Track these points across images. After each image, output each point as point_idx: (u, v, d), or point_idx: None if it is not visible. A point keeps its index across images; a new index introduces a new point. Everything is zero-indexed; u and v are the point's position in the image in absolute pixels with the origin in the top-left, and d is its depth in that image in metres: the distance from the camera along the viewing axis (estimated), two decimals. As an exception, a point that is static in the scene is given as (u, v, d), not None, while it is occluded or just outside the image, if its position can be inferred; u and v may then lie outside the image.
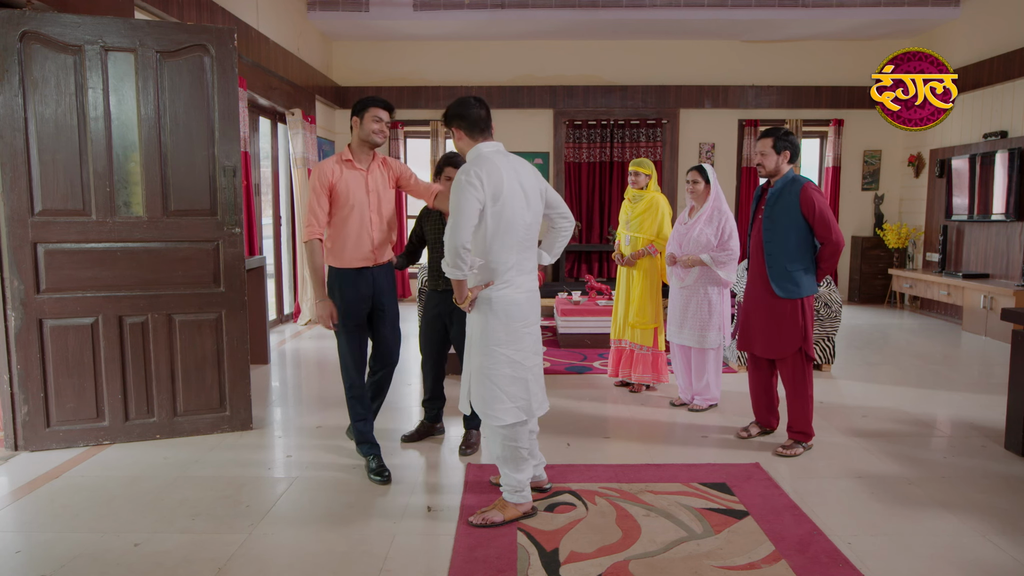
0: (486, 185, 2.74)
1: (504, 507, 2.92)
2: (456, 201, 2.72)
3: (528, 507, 2.95)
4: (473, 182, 2.73)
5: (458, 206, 2.71)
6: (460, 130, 2.92)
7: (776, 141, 3.66)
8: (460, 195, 2.72)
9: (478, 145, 2.90)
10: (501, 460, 2.92)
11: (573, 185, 9.11)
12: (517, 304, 2.86)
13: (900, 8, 7.73)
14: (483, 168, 2.77)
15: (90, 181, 3.66)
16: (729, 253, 4.24)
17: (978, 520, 2.95)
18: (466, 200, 2.71)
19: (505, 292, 2.83)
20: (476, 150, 2.89)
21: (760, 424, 3.97)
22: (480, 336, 2.86)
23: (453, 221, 2.71)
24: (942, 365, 5.80)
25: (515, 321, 2.85)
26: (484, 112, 2.92)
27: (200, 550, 2.69)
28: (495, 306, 2.82)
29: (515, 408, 2.85)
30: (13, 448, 3.68)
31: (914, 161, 8.79)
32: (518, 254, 2.86)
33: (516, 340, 2.86)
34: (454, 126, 2.93)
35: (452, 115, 2.93)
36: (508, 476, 2.92)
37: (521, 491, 2.92)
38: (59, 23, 3.53)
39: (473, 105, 2.91)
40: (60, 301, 3.65)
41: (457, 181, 2.75)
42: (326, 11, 7.83)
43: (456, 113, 2.91)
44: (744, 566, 2.56)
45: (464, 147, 2.94)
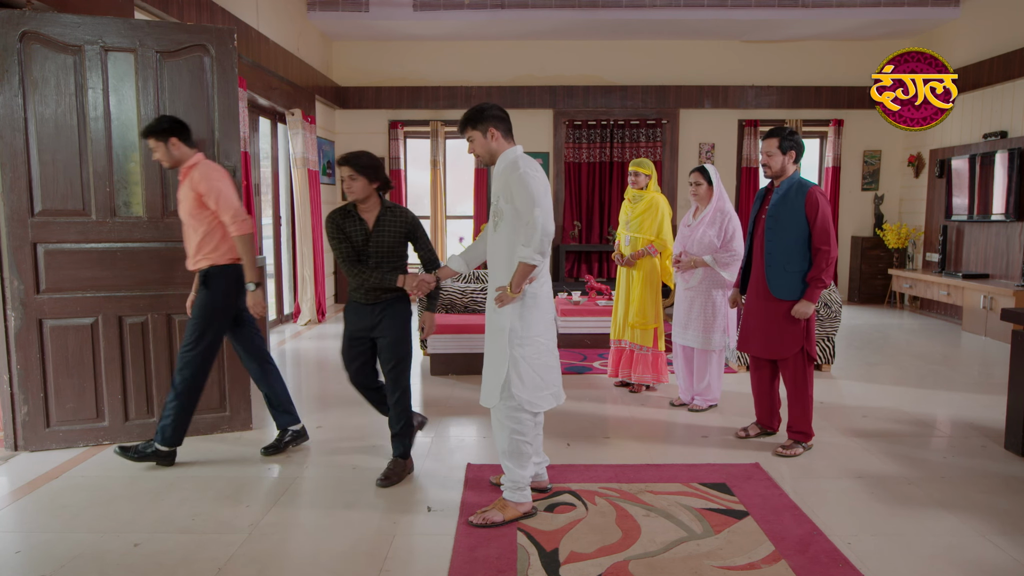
0: (540, 179, 2.87)
1: (504, 507, 2.93)
2: (533, 192, 2.79)
3: (528, 507, 2.95)
4: (537, 175, 2.85)
5: (537, 196, 2.79)
6: (498, 131, 2.95)
7: (782, 141, 3.64)
8: (534, 186, 2.81)
9: (514, 147, 2.98)
10: (506, 455, 2.95)
11: (573, 185, 9.11)
12: (548, 298, 3.02)
13: (900, 8, 7.73)
14: (531, 164, 2.89)
15: (90, 181, 3.66)
16: (732, 254, 4.24)
17: (978, 520, 2.95)
18: (539, 189, 2.81)
19: (542, 287, 2.97)
20: (513, 152, 2.96)
21: (761, 425, 3.97)
22: (521, 328, 2.91)
23: (539, 208, 2.78)
24: (942, 365, 5.79)
25: (547, 313, 3.00)
26: (509, 118, 3.03)
27: (200, 550, 2.69)
28: (538, 300, 2.95)
29: (550, 395, 2.98)
30: (13, 448, 3.68)
31: (914, 161, 8.79)
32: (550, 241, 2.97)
33: (548, 330, 3.01)
34: (492, 126, 2.94)
35: (492, 116, 2.95)
36: (511, 471, 2.93)
37: (522, 489, 2.94)
38: (59, 23, 3.53)
39: (503, 110, 3.02)
40: (60, 301, 3.65)
41: (522, 175, 2.81)
42: (326, 11, 7.83)
43: (496, 115, 2.96)
44: (744, 566, 2.56)
45: (497, 148, 2.96)
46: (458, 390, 4.94)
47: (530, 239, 2.79)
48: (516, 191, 2.82)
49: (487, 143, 2.95)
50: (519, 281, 2.84)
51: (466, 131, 2.98)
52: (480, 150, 2.98)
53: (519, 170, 2.83)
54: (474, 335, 5.30)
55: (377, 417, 4.32)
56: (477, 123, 2.94)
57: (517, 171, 2.83)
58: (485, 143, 2.95)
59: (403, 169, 9.18)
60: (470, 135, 2.97)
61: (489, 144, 2.95)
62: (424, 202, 9.44)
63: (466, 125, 2.97)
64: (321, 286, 7.70)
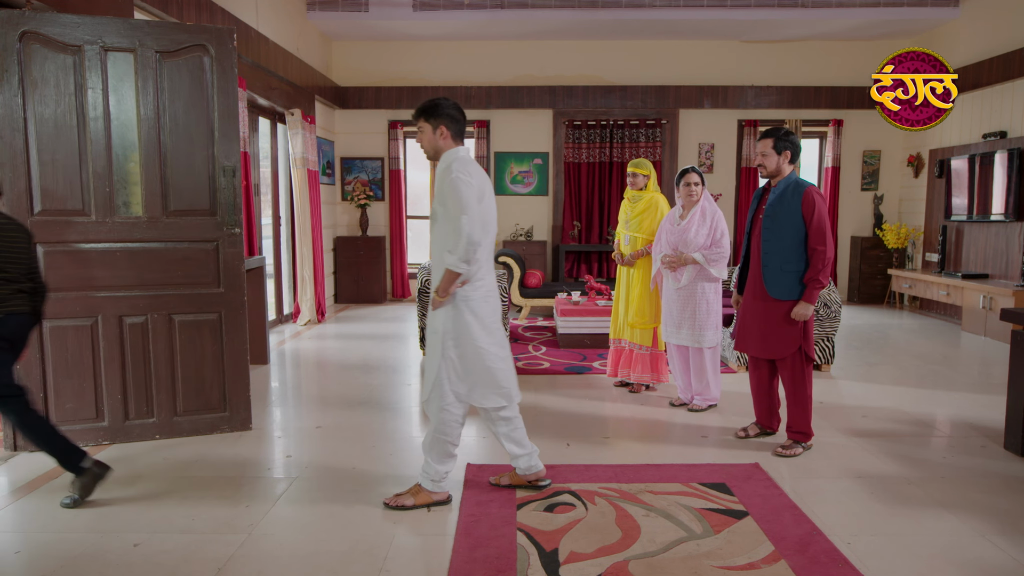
0: (476, 184, 2.86)
1: (418, 493, 3.05)
2: (463, 199, 2.79)
3: (443, 496, 3.08)
4: (471, 181, 2.84)
5: (467, 203, 2.80)
6: (449, 130, 2.95)
7: (776, 141, 3.65)
8: (464, 191, 2.81)
9: (457, 148, 2.99)
10: (427, 448, 3.04)
11: (573, 185, 9.11)
12: (489, 301, 3.02)
13: (899, 8, 7.73)
14: (470, 168, 2.89)
15: (89, 181, 3.65)
16: (721, 251, 4.27)
17: (978, 520, 2.95)
18: (471, 197, 2.81)
19: (480, 290, 2.97)
20: (456, 152, 2.96)
21: (761, 425, 3.97)
22: (454, 332, 2.95)
23: (467, 216, 2.78)
24: (941, 365, 5.80)
25: (487, 316, 3.00)
26: (465, 120, 3.03)
27: (200, 550, 2.69)
28: (471, 304, 2.95)
29: (494, 394, 3.01)
30: (12, 448, 3.68)
31: (913, 161, 8.79)
32: (488, 254, 3.01)
33: (490, 333, 3.01)
34: (443, 124, 2.94)
35: (446, 114, 2.95)
36: (430, 465, 3.04)
37: (439, 482, 3.06)
38: (58, 23, 3.53)
39: (460, 110, 3.01)
40: (60, 301, 3.65)
41: (455, 180, 2.82)
42: (326, 11, 7.83)
43: (450, 115, 2.96)
44: (744, 566, 2.56)
45: (443, 146, 2.98)
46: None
47: (456, 246, 2.80)
48: (447, 195, 2.85)
49: (434, 139, 2.97)
50: (445, 286, 2.88)
51: (418, 121, 2.99)
52: (426, 144, 3.00)
53: (452, 174, 2.85)
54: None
55: (377, 417, 4.33)
56: (430, 116, 2.95)
57: (450, 175, 2.85)
58: (433, 138, 2.97)
59: (403, 169, 9.18)
60: (420, 126, 2.99)
61: (436, 140, 2.97)
62: (423, 202, 9.44)
63: (419, 116, 2.98)
64: (321, 286, 7.70)
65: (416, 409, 4.57)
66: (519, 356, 5.91)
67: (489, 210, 2.95)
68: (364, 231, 9.02)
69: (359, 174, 9.21)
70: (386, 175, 9.20)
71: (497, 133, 9.05)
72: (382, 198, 9.23)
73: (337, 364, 5.79)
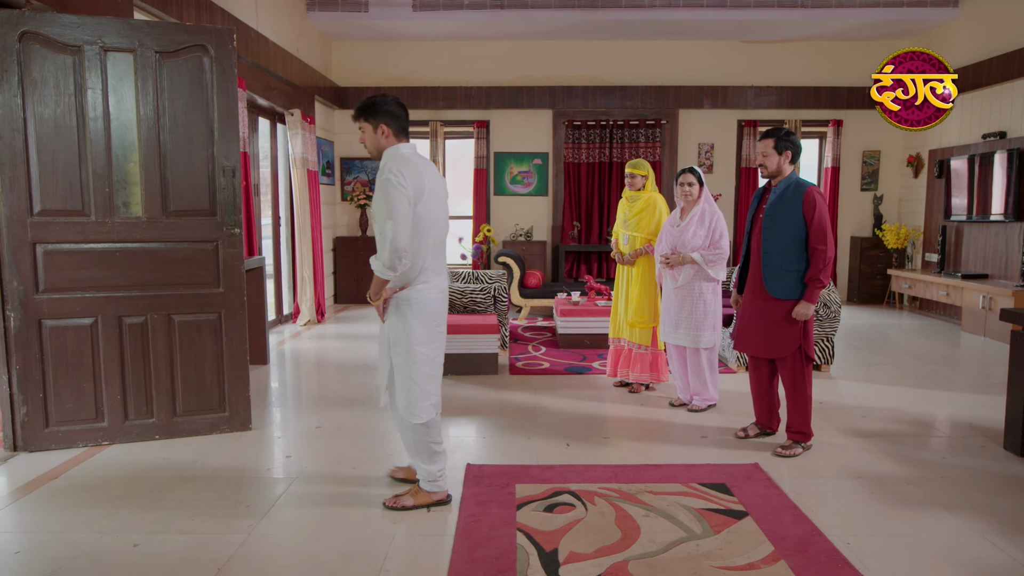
0: (410, 185, 2.79)
1: (417, 493, 3.06)
2: (390, 202, 2.74)
3: (442, 495, 3.08)
4: (403, 182, 2.77)
5: (394, 206, 2.74)
6: (389, 128, 2.92)
7: (777, 141, 3.65)
8: (393, 195, 2.75)
9: (398, 146, 2.94)
10: (413, 453, 3.05)
11: (572, 185, 9.11)
12: (435, 303, 2.96)
13: (899, 8, 7.73)
14: (406, 168, 2.82)
15: (89, 181, 3.65)
16: (720, 252, 4.26)
17: (977, 520, 2.95)
18: (400, 200, 2.75)
19: (424, 292, 2.91)
20: (395, 150, 2.92)
21: (760, 425, 3.97)
22: (404, 336, 2.91)
23: (392, 222, 2.73)
24: (941, 365, 5.80)
25: (432, 321, 2.96)
26: (407, 115, 2.99)
27: (199, 551, 2.69)
28: (415, 307, 2.91)
29: (430, 405, 2.98)
30: (12, 449, 3.68)
31: (913, 161, 8.79)
32: (435, 254, 2.95)
33: (433, 339, 2.97)
34: (383, 122, 2.91)
35: (386, 112, 2.91)
36: (422, 468, 3.05)
37: (436, 480, 3.06)
38: (58, 23, 3.53)
39: (401, 105, 2.97)
40: (59, 301, 3.65)
41: (385, 181, 2.77)
42: (325, 11, 7.83)
43: (389, 111, 2.92)
44: (743, 566, 2.56)
45: (385, 144, 2.94)
46: (457, 390, 4.94)
47: (381, 251, 2.76)
48: (377, 197, 2.81)
49: (376, 137, 2.94)
50: (375, 290, 2.85)
51: (358, 121, 2.97)
52: (369, 143, 2.97)
53: (383, 175, 2.80)
54: (474, 335, 5.30)
55: (377, 418, 4.33)
56: (370, 115, 2.92)
57: (382, 176, 2.81)
58: (375, 137, 2.94)
59: (402, 169, 9.17)
60: (361, 126, 2.96)
61: (378, 139, 2.94)
62: (423, 202, 9.43)
63: (359, 116, 2.96)
64: (320, 286, 7.70)
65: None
66: (519, 356, 5.92)
67: (430, 210, 2.87)
68: (364, 231, 9.03)
69: (359, 174, 9.21)
70: (386, 175, 9.18)
71: (497, 133, 9.05)
72: (382, 198, 9.22)
73: (337, 364, 5.79)
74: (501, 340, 5.90)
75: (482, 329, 5.33)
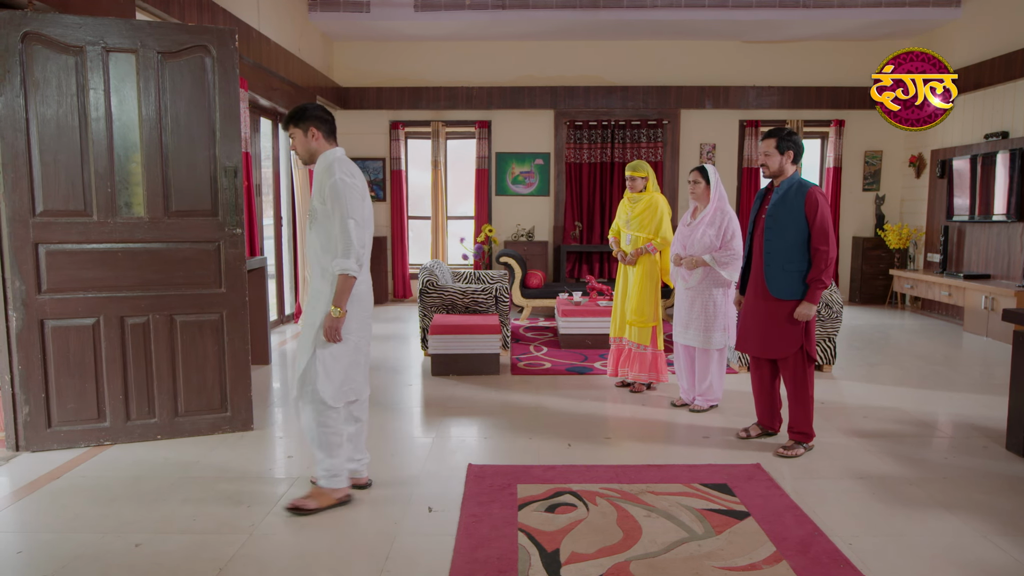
0: (359, 183, 2.93)
1: (319, 494, 3.04)
2: (348, 202, 2.85)
3: (343, 493, 3.07)
4: (355, 183, 2.91)
5: (352, 206, 2.86)
6: (319, 132, 3.00)
7: (779, 141, 3.65)
8: (349, 195, 2.86)
9: (333, 149, 3.04)
10: (315, 445, 3.05)
11: (574, 186, 9.11)
12: (366, 295, 3.07)
13: (901, 8, 7.72)
14: (351, 168, 2.95)
15: (91, 182, 3.66)
16: (732, 253, 4.24)
17: (979, 521, 2.95)
18: (356, 199, 2.88)
19: (357, 287, 2.99)
20: (332, 154, 3.01)
21: (762, 426, 3.97)
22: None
23: (354, 220, 2.84)
24: (943, 366, 5.79)
25: (363, 311, 3.05)
26: (333, 120, 3.08)
27: (201, 550, 2.69)
28: (352, 298, 2.97)
29: (350, 390, 3.06)
30: (14, 448, 3.69)
31: (915, 162, 8.78)
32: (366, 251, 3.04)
33: (362, 328, 3.06)
34: (312, 126, 2.99)
35: (313, 116, 3.00)
36: (322, 461, 3.04)
37: (337, 476, 3.05)
38: (61, 24, 3.53)
39: (327, 112, 3.06)
40: (61, 301, 3.66)
41: (339, 182, 2.86)
42: (327, 12, 7.83)
43: (318, 116, 3.01)
44: (745, 567, 2.56)
45: (318, 148, 3.02)
46: (459, 390, 4.94)
47: (347, 250, 2.84)
48: (329, 197, 2.87)
49: (307, 142, 3.01)
50: (343, 296, 2.88)
51: (289, 129, 3.03)
52: (300, 149, 3.03)
53: (334, 175, 2.88)
54: (475, 335, 5.30)
55: (378, 417, 4.33)
56: (299, 122, 2.99)
57: (332, 176, 2.88)
58: (306, 142, 3.01)
59: (404, 170, 9.19)
60: (292, 132, 3.03)
61: (309, 144, 3.01)
62: (425, 202, 9.44)
63: (288, 123, 3.02)
64: (322, 286, 7.69)
65: (418, 409, 4.57)
66: (520, 356, 5.92)
67: (367, 208, 2.99)
68: (365, 231, 9.01)
69: (360, 174, 9.20)
70: (387, 175, 9.21)
71: (498, 133, 9.05)
72: (383, 199, 9.24)
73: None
74: (503, 340, 5.90)
75: (484, 329, 5.33)
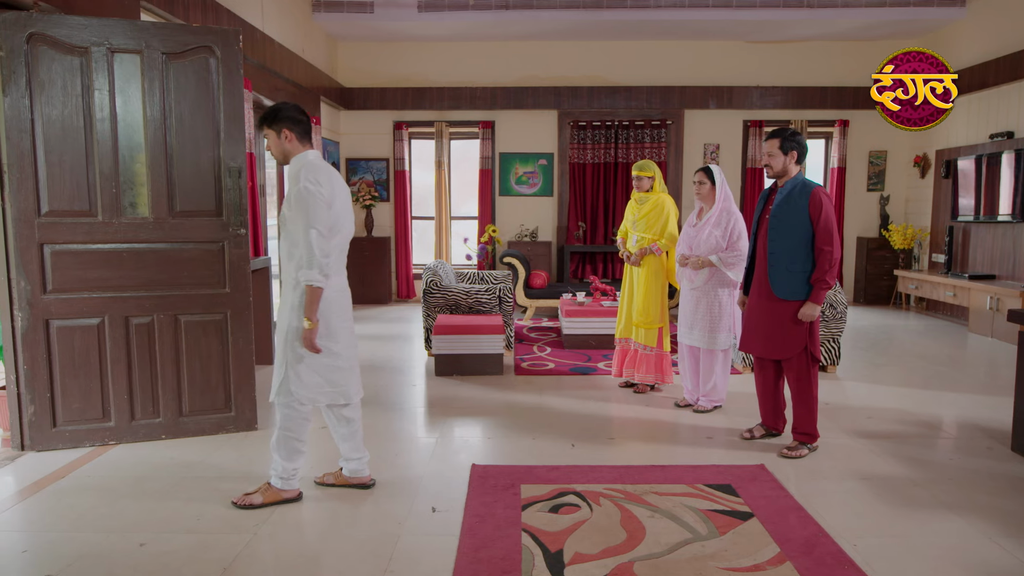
0: (327, 191, 2.88)
1: (267, 491, 3.07)
2: (312, 211, 2.83)
3: (293, 493, 3.10)
4: (321, 190, 2.86)
5: (316, 215, 2.83)
6: (293, 134, 2.98)
7: (783, 142, 3.64)
8: (313, 203, 2.83)
9: (306, 152, 3.01)
10: (274, 448, 3.06)
11: (577, 186, 9.11)
12: (337, 301, 3.04)
13: (905, 8, 7.70)
14: (320, 174, 2.91)
15: (96, 182, 3.67)
16: (738, 254, 4.23)
17: (984, 522, 2.94)
18: (321, 208, 2.85)
19: (328, 291, 2.96)
20: (304, 157, 2.99)
21: (766, 427, 3.96)
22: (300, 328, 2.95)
23: (315, 231, 2.82)
24: (948, 366, 5.77)
25: (336, 316, 3.03)
26: (308, 120, 3.05)
27: (205, 550, 2.70)
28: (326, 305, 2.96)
29: (334, 392, 3.07)
30: (20, 448, 3.70)
31: (920, 162, 8.76)
32: (339, 256, 3.04)
33: (336, 334, 3.03)
34: (286, 128, 2.97)
35: (287, 118, 2.97)
36: (277, 463, 3.06)
37: (288, 479, 3.08)
38: (65, 25, 3.55)
39: (302, 111, 3.03)
40: (66, 301, 3.67)
41: (304, 190, 2.84)
42: (331, 12, 7.84)
43: (292, 117, 2.99)
44: (749, 568, 2.56)
45: (291, 150, 3.00)
46: (463, 390, 4.94)
47: (310, 261, 2.83)
48: (294, 204, 2.87)
49: (281, 143, 2.99)
50: (311, 307, 2.87)
51: (262, 129, 3.02)
52: (274, 150, 3.02)
53: (300, 183, 2.86)
54: (479, 336, 5.30)
55: (382, 417, 4.33)
56: (273, 122, 2.98)
57: (298, 184, 2.87)
58: (279, 143, 3.00)
59: (407, 170, 9.19)
60: (266, 133, 3.02)
61: (283, 145, 3.00)
62: (428, 203, 9.45)
63: (262, 124, 3.01)
64: (326, 287, 7.70)
65: (421, 409, 4.57)
66: (524, 357, 5.92)
67: (341, 213, 2.96)
68: (369, 232, 9.04)
69: (364, 175, 9.22)
70: (391, 176, 9.22)
71: (502, 134, 9.06)
72: (387, 199, 9.25)
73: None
74: (506, 340, 5.90)
75: (487, 330, 5.33)
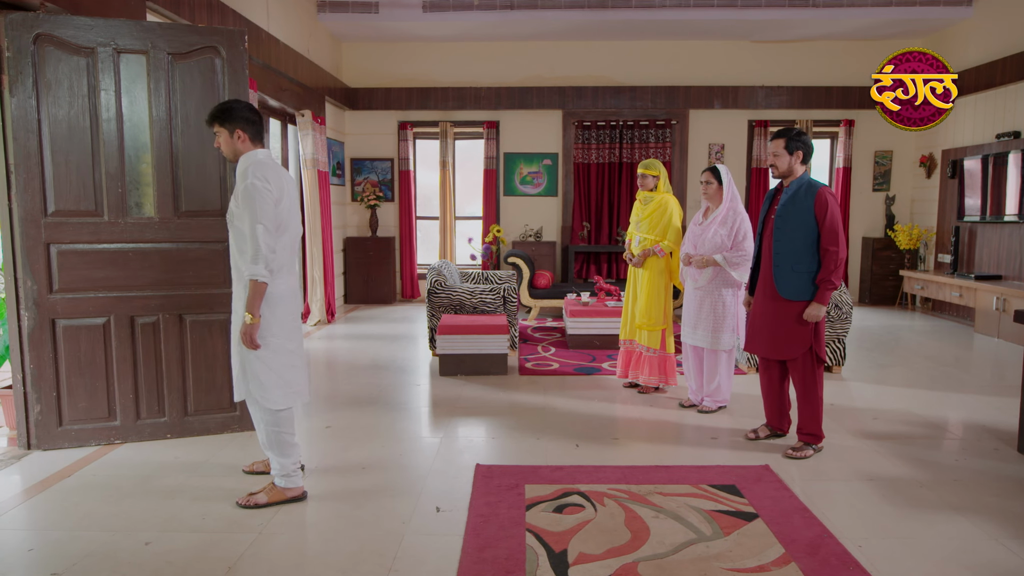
0: (274, 188, 2.90)
1: (271, 491, 3.08)
2: (258, 207, 2.84)
3: (297, 491, 3.11)
4: (268, 187, 2.88)
5: (263, 211, 2.84)
6: (246, 134, 2.99)
7: (788, 142, 3.63)
8: (260, 199, 2.85)
9: (255, 151, 3.02)
10: (267, 447, 3.07)
11: (582, 186, 9.10)
12: (287, 299, 3.05)
13: (912, 8, 7.68)
14: (268, 172, 2.92)
15: (102, 182, 3.68)
16: (743, 254, 4.22)
17: (990, 523, 2.93)
18: (267, 204, 2.86)
19: (278, 288, 2.98)
20: (253, 155, 3.00)
21: (771, 427, 3.96)
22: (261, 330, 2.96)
23: (262, 226, 2.83)
24: (954, 367, 5.75)
25: (288, 314, 3.05)
26: (261, 120, 3.06)
27: (210, 549, 2.70)
28: (271, 302, 2.96)
29: (293, 393, 3.07)
30: (26, 447, 3.72)
31: (926, 162, 8.73)
32: (290, 254, 3.05)
33: (289, 332, 3.06)
34: (239, 128, 2.97)
35: (241, 118, 2.98)
36: (275, 461, 3.08)
37: (290, 475, 3.09)
38: (72, 26, 3.56)
39: (255, 111, 3.04)
40: (72, 301, 3.68)
41: (251, 187, 2.85)
42: (336, 13, 7.86)
43: (246, 118, 2.99)
44: (754, 568, 2.55)
45: (242, 149, 3.01)
46: (467, 390, 4.94)
47: (256, 256, 2.84)
48: (241, 202, 2.87)
49: (232, 142, 3.00)
50: (255, 302, 2.87)
51: (213, 126, 3.02)
52: (225, 148, 3.03)
53: (247, 180, 2.87)
54: (483, 336, 5.30)
55: (386, 417, 4.34)
56: (225, 121, 2.98)
57: (245, 181, 2.88)
58: (231, 142, 3.00)
59: (412, 170, 9.21)
60: (217, 130, 3.02)
61: (235, 144, 3.01)
62: (433, 203, 9.46)
63: (213, 121, 3.01)
64: (331, 287, 7.73)
65: (425, 409, 4.58)
66: (528, 357, 5.92)
67: (288, 212, 2.97)
68: (374, 232, 9.05)
69: (369, 175, 9.24)
70: (396, 176, 9.23)
71: (506, 134, 9.06)
72: (392, 199, 9.26)
73: (347, 364, 5.81)
74: (511, 340, 5.90)
75: (492, 329, 5.33)
